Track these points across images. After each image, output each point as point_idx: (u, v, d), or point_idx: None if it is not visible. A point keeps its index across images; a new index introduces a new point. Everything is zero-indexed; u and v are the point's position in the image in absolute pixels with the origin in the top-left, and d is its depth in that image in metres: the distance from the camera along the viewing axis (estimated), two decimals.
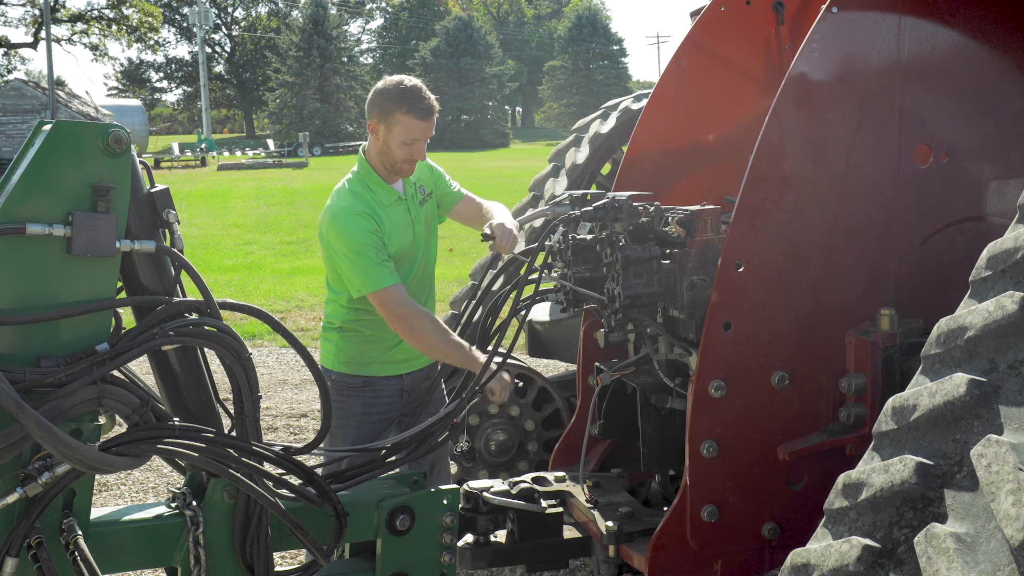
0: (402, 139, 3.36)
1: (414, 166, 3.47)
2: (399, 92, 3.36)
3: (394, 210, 3.47)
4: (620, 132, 5.46)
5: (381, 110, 3.38)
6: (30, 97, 40.31)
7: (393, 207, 3.47)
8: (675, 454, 3.03)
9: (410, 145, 3.37)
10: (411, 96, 3.34)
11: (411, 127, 3.34)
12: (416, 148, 3.39)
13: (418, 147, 3.39)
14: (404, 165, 3.43)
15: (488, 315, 3.47)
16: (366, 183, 3.47)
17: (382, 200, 3.46)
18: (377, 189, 3.47)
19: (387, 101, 3.37)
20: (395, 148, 3.38)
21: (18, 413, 2.06)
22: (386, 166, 3.45)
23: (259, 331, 9.87)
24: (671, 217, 2.98)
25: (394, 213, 3.47)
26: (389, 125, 3.36)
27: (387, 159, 3.43)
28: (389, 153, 3.41)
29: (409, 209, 3.53)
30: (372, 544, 2.90)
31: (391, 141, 3.38)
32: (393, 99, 3.35)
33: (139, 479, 5.88)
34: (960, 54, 2.84)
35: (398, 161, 3.41)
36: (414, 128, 3.35)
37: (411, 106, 3.33)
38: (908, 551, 1.68)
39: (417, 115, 3.34)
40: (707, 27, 3.61)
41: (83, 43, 55.68)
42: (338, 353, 3.60)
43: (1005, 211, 2.74)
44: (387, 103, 3.37)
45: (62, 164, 2.22)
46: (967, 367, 1.76)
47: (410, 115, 3.33)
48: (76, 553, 2.26)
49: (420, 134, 3.37)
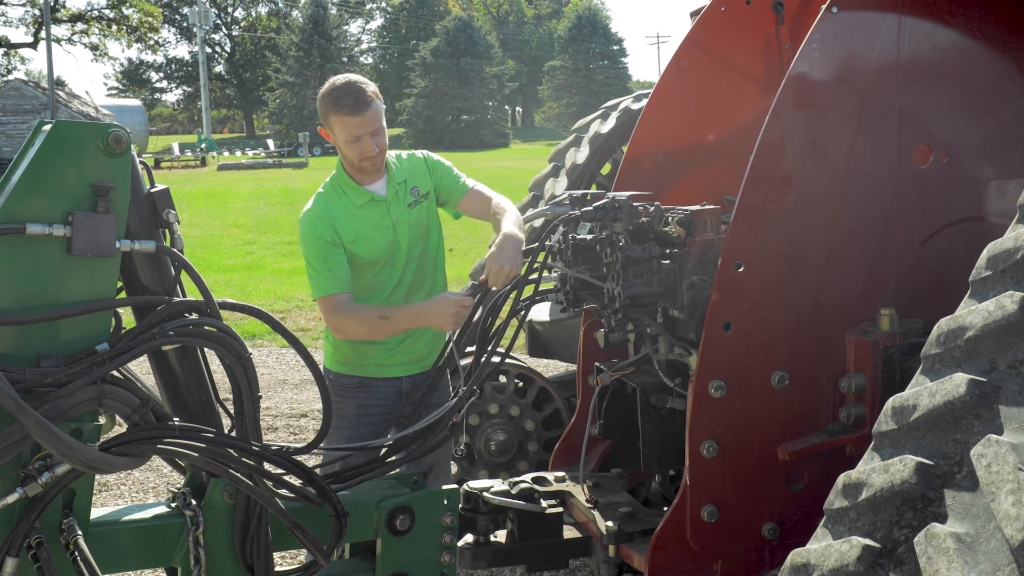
0: (344, 139, 3.34)
1: (376, 163, 3.41)
2: (328, 94, 3.34)
3: (367, 211, 3.44)
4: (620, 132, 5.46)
5: (322, 115, 3.40)
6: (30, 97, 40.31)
7: (366, 208, 3.44)
8: (675, 454, 3.03)
9: (355, 143, 3.33)
10: (337, 95, 3.30)
11: (347, 125, 3.30)
12: (363, 145, 3.34)
13: (365, 143, 3.33)
14: (363, 163, 3.39)
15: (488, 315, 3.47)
16: (338, 185, 3.47)
17: (353, 201, 3.44)
18: (348, 191, 3.45)
19: (321, 105, 3.37)
20: (345, 149, 3.37)
21: (18, 413, 2.06)
22: (349, 167, 3.45)
23: (259, 331, 9.87)
24: (671, 217, 2.98)
25: (366, 215, 3.43)
26: (331, 128, 3.37)
27: (346, 161, 3.44)
28: (344, 155, 3.42)
29: (389, 210, 3.47)
30: (372, 544, 2.90)
31: (339, 143, 3.38)
32: (325, 102, 3.34)
33: (139, 479, 5.88)
34: (960, 54, 2.84)
35: (354, 160, 3.39)
36: (350, 125, 3.30)
37: (338, 105, 3.29)
38: (908, 551, 1.68)
39: (346, 112, 3.28)
40: (707, 27, 3.61)
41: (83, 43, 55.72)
42: (335, 353, 3.60)
43: (1005, 211, 2.74)
44: (322, 107, 3.37)
45: (62, 164, 2.22)
46: (967, 367, 1.76)
47: (340, 113, 3.30)
48: (76, 553, 2.26)
49: (358, 129, 3.31)
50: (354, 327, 3.40)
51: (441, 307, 3.26)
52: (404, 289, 3.52)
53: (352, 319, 3.37)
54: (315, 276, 3.38)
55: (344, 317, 3.36)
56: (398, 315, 3.37)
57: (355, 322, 3.38)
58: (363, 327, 3.39)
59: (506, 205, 3.46)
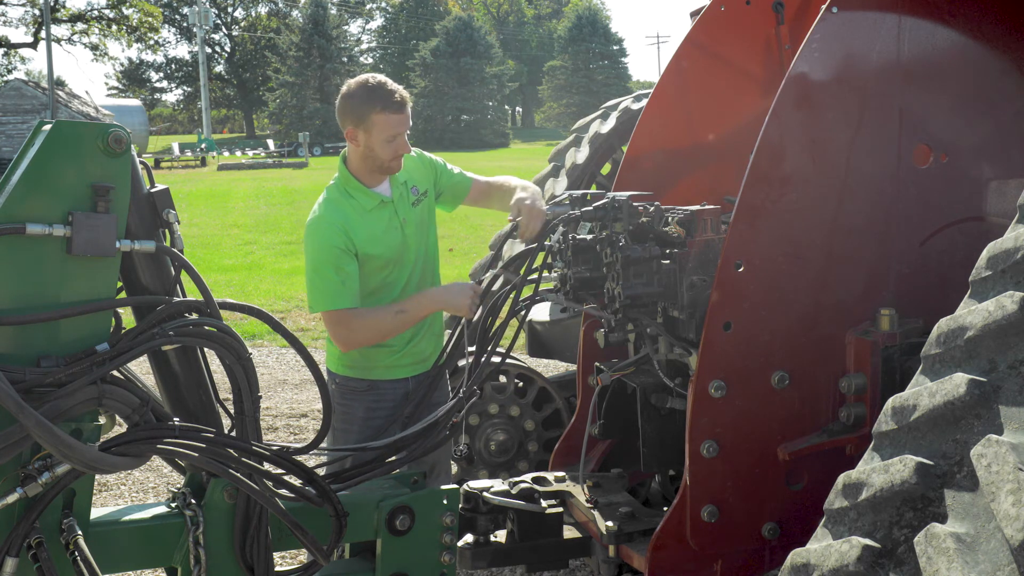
0: (383, 138, 3.33)
1: (402, 161, 3.44)
2: (368, 92, 3.32)
3: (377, 214, 3.43)
4: (620, 132, 5.47)
5: (355, 115, 3.34)
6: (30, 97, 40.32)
7: (376, 211, 3.43)
8: (675, 454, 3.03)
9: (392, 142, 3.34)
10: (381, 93, 3.31)
11: (389, 123, 3.31)
12: (400, 143, 3.36)
13: (401, 141, 3.36)
14: (392, 163, 3.39)
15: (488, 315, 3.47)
16: (346, 190, 3.44)
17: (363, 205, 3.42)
18: (357, 194, 3.43)
19: (358, 104, 3.33)
20: (379, 149, 3.35)
21: (18, 413, 2.06)
22: (373, 168, 3.41)
23: (259, 331, 9.87)
24: (671, 217, 2.98)
25: (377, 217, 3.43)
26: (367, 128, 3.33)
27: (373, 162, 3.39)
28: (374, 155, 3.37)
29: (397, 211, 3.48)
30: (372, 544, 2.90)
31: (373, 143, 3.34)
32: (364, 101, 3.32)
33: (139, 479, 5.88)
34: (960, 54, 2.84)
35: (385, 161, 3.37)
36: (392, 123, 3.31)
37: (384, 103, 3.30)
38: (908, 551, 1.68)
39: (392, 110, 3.30)
40: (707, 27, 3.61)
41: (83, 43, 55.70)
42: (342, 357, 3.57)
43: (1005, 211, 2.74)
44: (359, 106, 3.33)
45: (62, 164, 2.22)
46: (967, 367, 1.76)
47: (385, 112, 3.30)
48: (76, 553, 2.26)
49: (399, 127, 3.33)
50: (369, 335, 3.39)
51: (458, 290, 3.36)
52: (412, 287, 3.52)
53: (368, 328, 3.36)
54: (324, 287, 3.32)
55: (358, 329, 3.35)
56: (413, 305, 3.39)
57: (371, 330, 3.37)
58: (378, 329, 3.38)
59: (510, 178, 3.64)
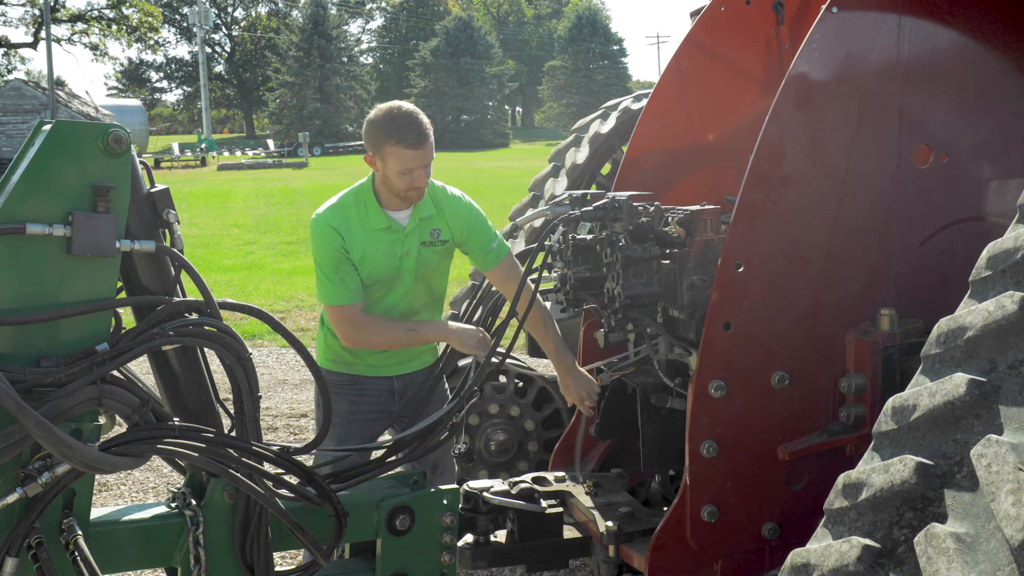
0: (397, 169, 3.25)
1: (421, 193, 3.35)
2: (387, 123, 3.24)
3: (381, 236, 3.38)
4: (620, 132, 5.46)
5: (373, 142, 3.29)
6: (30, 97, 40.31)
7: (381, 233, 3.37)
8: (675, 454, 3.03)
9: (408, 174, 3.26)
10: (398, 126, 3.22)
11: (403, 157, 3.22)
12: (416, 176, 3.27)
13: (418, 175, 3.27)
14: (409, 193, 3.31)
15: (488, 315, 3.47)
16: (363, 199, 3.40)
17: (370, 222, 3.37)
18: (370, 209, 3.38)
19: (377, 133, 3.26)
20: (394, 179, 3.27)
21: (18, 413, 2.06)
22: (391, 192, 3.35)
23: (259, 331, 9.87)
24: (671, 217, 2.99)
25: (380, 239, 3.37)
26: (383, 157, 3.26)
27: (390, 188, 3.33)
28: (390, 184, 3.30)
29: (404, 241, 3.40)
30: (372, 544, 2.90)
31: (388, 172, 3.27)
32: (382, 130, 3.24)
33: (139, 479, 5.88)
34: (960, 54, 2.84)
35: (401, 191, 3.30)
36: (406, 158, 3.22)
37: (399, 137, 3.21)
38: (908, 551, 1.68)
39: (407, 145, 3.20)
40: (707, 27, 3.61)
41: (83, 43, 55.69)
42: (326, 351, 3.59)
43: (1005, 211, 2.74)
44: (377, 135, 3.26)
45: (62, 164, 2.22)
46: (967, 367, 1.76)
47: (399, 146, 3.20)
48: (76, 553, 2.26)
49: (414, 163, 3.23)
50: (376, 338, 3.40)
51: (472, 334, 3.35)
52: (399, 312, 3.49)
53: (375, 331, 3.37)
54: (326, 283, 3.34)
55: (364, 329, 3.35)
56: (426, 329, 3.42)
57: (378, 334, 3.38)
58: (386, 337, 3.40)
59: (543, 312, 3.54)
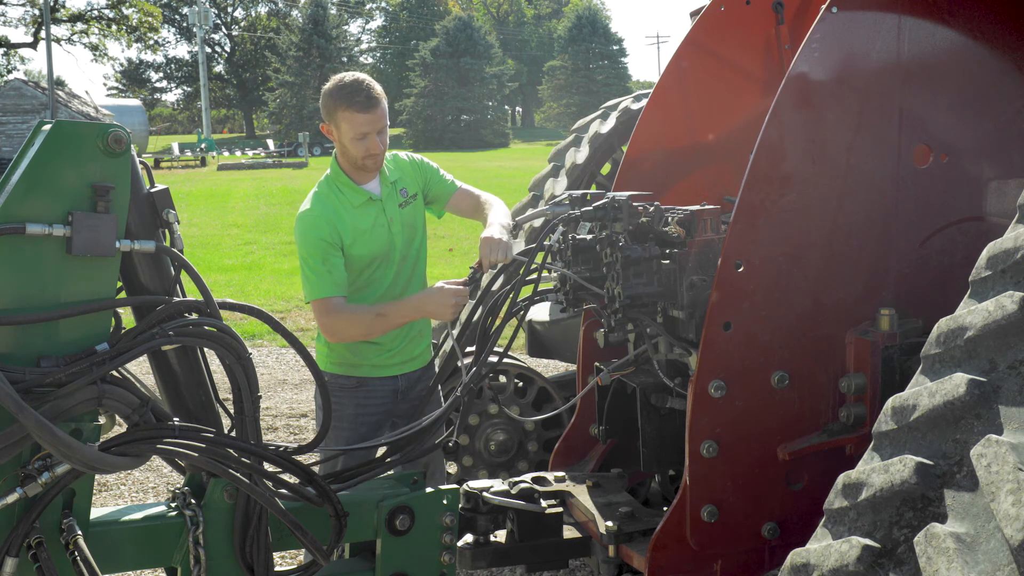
0: (351, 136, 3.33)
1: (378, 161, 3.43)
2: (337, 90, 3.33)
3: (364, 211, 3.44)
4: (620, 132, 5.46)
5: (326, 111, 3.38)
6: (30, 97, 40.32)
7: (363, 208, 3.45)
8: (675, 454, 3.03)
9: (362, 140, 3.34)
10: (348, 91, 3.31)
11: (355, 122, 3.31)
12: (370, 142, 3.35)
13: (371, 141, 3.35)
14: (366, 161, 3.39)
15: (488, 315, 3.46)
16: (335, 184, 3.47)
17: (351, 201, 3.44)
18: (346, 190, 3.45)
19: (329, 100, 3.36)
20: (349, 146, 3.36)
21: (18, 413, 2.06)
22: (351, 165, 3.44)
23: (259, 331, 9.87)
24: (671, 217, 2.98)
25: (363, 214, 3.44)
26: (336, 124, 3.35)
27: (348, 158, 3.42)
28: (347, 152, 3.40)
29: (384, 210, 3.48)
30: (372, 544, 2.90)
31: (343, 140, 3.36)
32: (333, 98, 3.34)
33: (139, 479, 5.88)
34: (960, 54, 2.84)
35: (358, 158, 3.38)
36: (358, 122, 3.31)
37: (349, 101, 3.30)
38: (908, 551, 1.68)
39: (357, 108, 3.29)
40: (707, 27, 3.61)
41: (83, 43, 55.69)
42: (330, 354, 3.59)
43: (1005, 211, 2.74)
44: (329, 102, 3.36)
45: (62, 164, 2.22)
46: (967, 367, 1.76)
47: (350, 110, 3.30)
48: (76, 553, 2.26)
49: (367, 127, 3.32)
50: (349, 328, 3.39)
51: (439, 297, 3.31)
52: (399, 288, 3.53)
53: (348, 320, 3.36)
54: (312, 277, 3.35)
55: (339, 319, 3.35)
56: (394, 310, 3.39)
57: (350, 323, 3.37)
58: (359, 327, 3.38)
59: (493, 201, 3.59)
